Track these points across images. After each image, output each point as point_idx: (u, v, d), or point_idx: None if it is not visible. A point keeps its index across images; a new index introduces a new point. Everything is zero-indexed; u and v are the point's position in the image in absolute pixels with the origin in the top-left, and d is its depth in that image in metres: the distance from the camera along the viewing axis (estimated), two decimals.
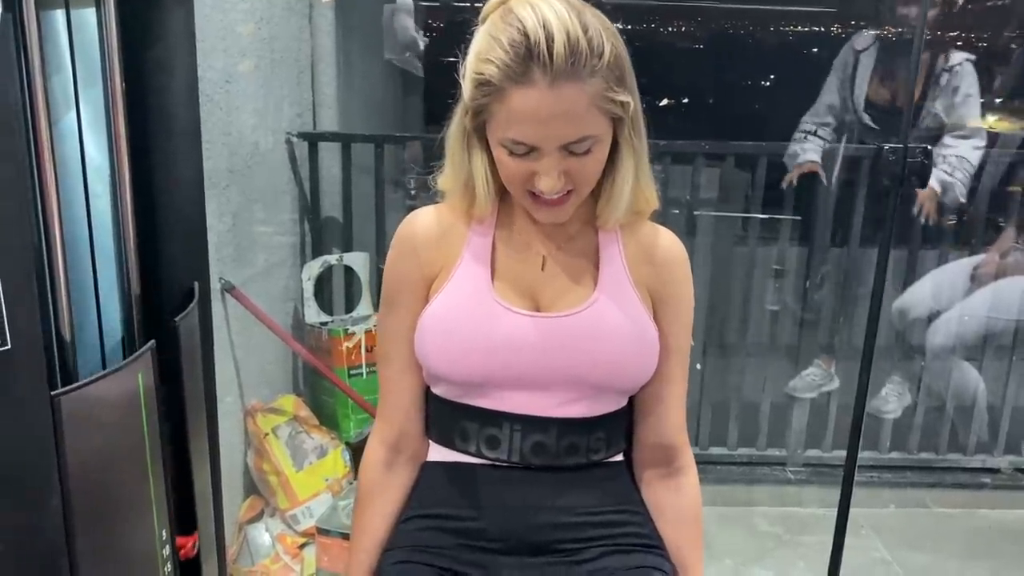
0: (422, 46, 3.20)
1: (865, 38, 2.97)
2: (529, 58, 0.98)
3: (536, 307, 1.13)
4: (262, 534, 2.30)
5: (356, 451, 2.46)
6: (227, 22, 2.10)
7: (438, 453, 1.20)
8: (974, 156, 2.84)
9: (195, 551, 1.12)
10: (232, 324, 2.25)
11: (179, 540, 1.09)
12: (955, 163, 2.83)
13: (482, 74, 1.01)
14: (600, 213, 1.13)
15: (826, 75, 3.17)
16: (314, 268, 2.64)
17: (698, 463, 3.10)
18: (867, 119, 2.96)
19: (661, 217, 1.23)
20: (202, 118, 1.95)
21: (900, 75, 2.88)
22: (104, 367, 1.03)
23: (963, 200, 2.85)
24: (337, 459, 2.42)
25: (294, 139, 2.60)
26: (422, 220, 1.17)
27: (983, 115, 2.96)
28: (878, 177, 1.63)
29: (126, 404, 0.99)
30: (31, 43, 0.89)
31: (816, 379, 3.04)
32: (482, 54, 1.01)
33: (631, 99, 1.04)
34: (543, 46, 0.97)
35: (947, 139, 2.85)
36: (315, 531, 2.18)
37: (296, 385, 2.73)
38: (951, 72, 2.87)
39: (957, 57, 2.87)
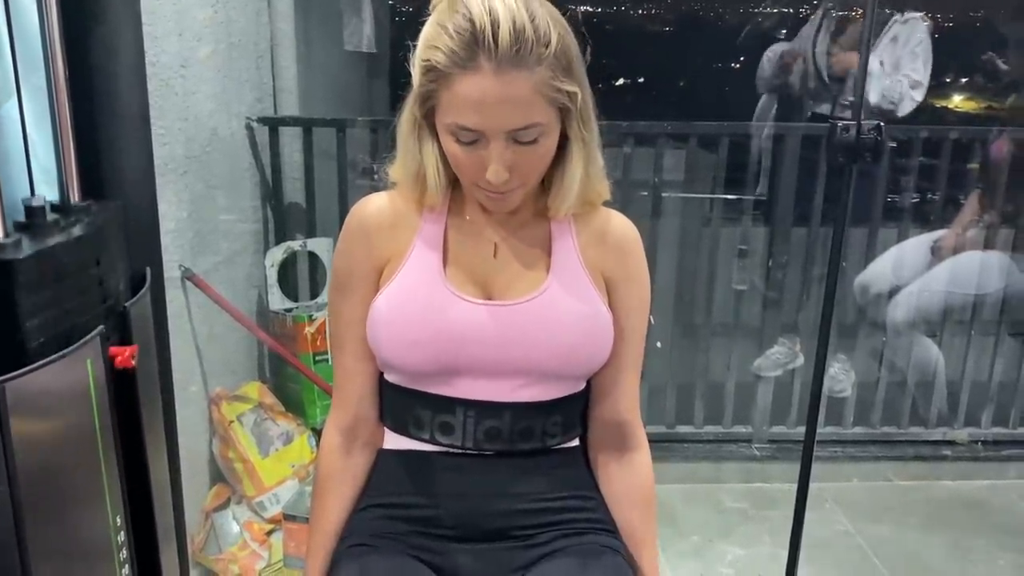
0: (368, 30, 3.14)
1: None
2: (475, 44, 0.98)
3: (489, 295, 1.13)
4: (229, 522, 2.29)
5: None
6: (181, 6, 2.07)
7: (393, 441, 1.20)
8: (906, 103, 2.93)
9: (133, 362, 1.05)
10: (194, 312, 2.23)
11: (113, 349, 1.04)
12: (891, 85, 2.92)
13: (428, 60, 1.01)
14: (551, 204, 1.13)
15: None
16: (277, 254, 2.63)
17: (665, 442, 3.14)
18: (824, 74, 3.07)
19: (626, 199, 1.24)
20: (158, 103, 1.94)
21: (853, 33, 3.05)
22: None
23: (871, 100, 2.92)
24: (303, 445, 2.42)
25: (254, 124, 2.57)
26: (374, 206, 1.17)
27: (948, 95, 3.01)
28: (833, 153, 1.64)
29: (75, 391, 0.98)
30: None
31: (781, 357, 3.08)
32: (429, 41, 1.02)
33: (579, 89, 1.04)
34: (488, 32, 0.97)
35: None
36: (281, 517, 2.18)
37: (261, 372, 2.72)
38: (903, 24, 2.95)
39: (910, 13, 2.95)
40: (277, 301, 2.62)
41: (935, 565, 2.50)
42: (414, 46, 1.05)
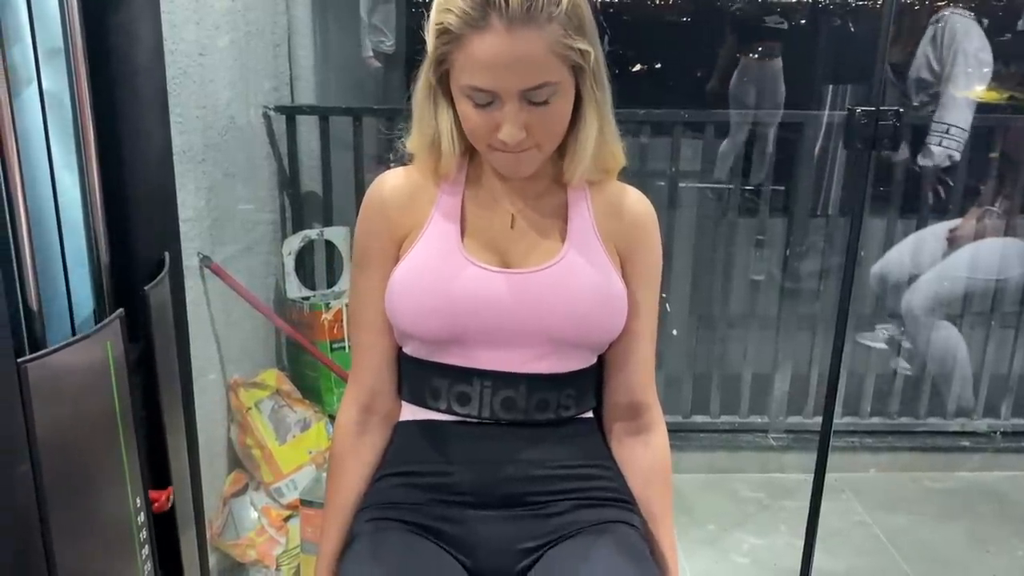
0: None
1: None
2: (487, 4, 1.00)
3: (506, 264, 1.14)
4: (247, 507, 2.31)
5: None
6: None
7: (410, 412, 1.21)
8: (967, 121, 2.85)
9: (169, 504, 1.12)
10: (213, 300, 2.25)
11: (153, 494, 1.09)
12: (940, 130, 2.83)
13: (442, 23, 1.03)
14: (566, 168, 1.14)
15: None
16: (294, 243, 2.64)
17: (681, 431, 3.13)
18: (889, 73, 3.01)
19: (643, 189, 1.24)
20: (175, 91, 1.95)
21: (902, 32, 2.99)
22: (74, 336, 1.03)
23: (947, 161, 2.86)
24: (320, 432, 2.43)
25: (271, 113, 2.58)
26: (391, 181, 1.18)
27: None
28: (851, 140, 1.63)
29: (95, 372, 0.99)
30: None
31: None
32: (442, 4, 1.04)
33: (591, 48, 1.05)
34: None
35: (944, 100, 2.86)
36: (298, 503, 2.19)
37: (279, 359, 2.73)
38: (938, 24, 2.86)
39: (946, 12, 2.88)
40: (294, 289, 2.64)
41: (953, 556, 2.49)
42: (427, 13, 1.07)
